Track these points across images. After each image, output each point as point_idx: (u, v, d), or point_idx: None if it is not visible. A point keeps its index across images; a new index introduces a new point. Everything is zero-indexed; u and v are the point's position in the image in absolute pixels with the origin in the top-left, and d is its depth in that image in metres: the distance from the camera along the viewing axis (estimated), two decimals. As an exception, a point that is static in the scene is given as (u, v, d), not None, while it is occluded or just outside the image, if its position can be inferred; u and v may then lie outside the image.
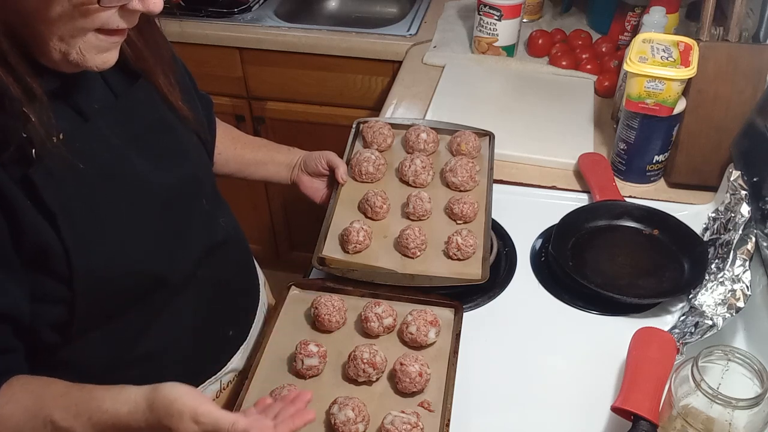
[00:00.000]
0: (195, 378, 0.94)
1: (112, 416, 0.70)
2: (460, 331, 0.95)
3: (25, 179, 0.69)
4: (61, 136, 0.71)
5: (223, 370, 0.98)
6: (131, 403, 0.70)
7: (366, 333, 0.96)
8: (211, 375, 0.96)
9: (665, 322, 1.02)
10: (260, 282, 1.12)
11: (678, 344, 0.92)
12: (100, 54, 0.71)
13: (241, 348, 1.01)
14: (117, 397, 0.71)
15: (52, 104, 0.72)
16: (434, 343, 0.94)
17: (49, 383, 0.75)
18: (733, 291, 0.97)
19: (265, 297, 1.12)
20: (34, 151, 0.68)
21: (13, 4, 0.64)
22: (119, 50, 0.82)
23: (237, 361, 1.00)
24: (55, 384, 0.74)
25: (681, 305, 1.05)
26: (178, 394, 0.69)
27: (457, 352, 0.92)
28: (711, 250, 1.08)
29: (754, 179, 1.07)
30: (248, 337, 1.03)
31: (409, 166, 1.17)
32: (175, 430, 0.68)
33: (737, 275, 0.98)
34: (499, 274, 1.11)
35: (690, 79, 1.15)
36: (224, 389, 1.00)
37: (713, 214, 1.15)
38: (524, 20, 1.72)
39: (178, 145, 0.90)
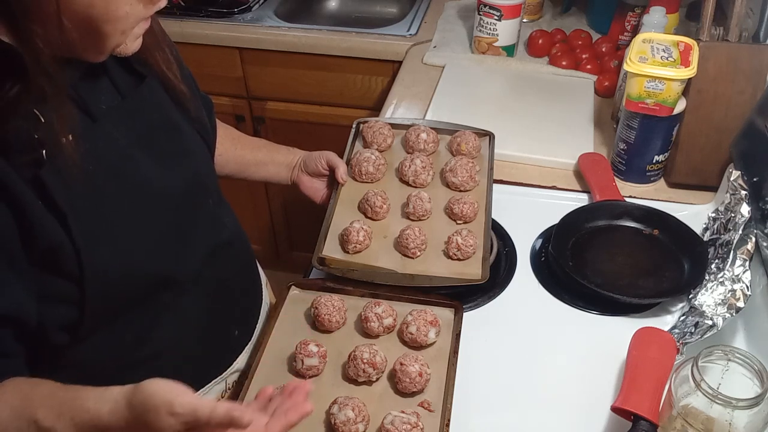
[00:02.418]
0: (201, 378, 0.94)
1: (93, 416, 0.68)
2: (460, 331, 0.95)
3: (35, 180, 0.69)
4: (70, 137, 0.72)
5: (228, 370, 0.98)
6: (112, 402, 0.67)
7: (366, 333, 0.96)
8: (216, 375, 0.97)
9: (665, 322, 1.02)
10: (262, 282, 1.12)
11: (678, 344, 0.92)
12: (136, 40, 0.76)
13: (245, 348, 1.01)
14: (100, 397, 0.69)
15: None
16: (434, 343, 0.94)
17: (39, 384, 0.73)
18: (733, 291, 0.97)
19: (267, 297, 1.13)
20: (44, 152, 0.69)
21: (82, 11, 0.66)
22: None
23: (242, 361, 1.00)
24: (44, 384, 0.73)
25: (681, 305, 1.05)
26: (154, 389, 0.65)
27: (457, 352, 0.92)
28: (711, 250, 1.08)
29: (754, 179, 1.07)
30: (253, 337, 1.03)
31: (409, 166, 1.17)
32: (153, 426, 0.64)
33: (737, 275, 0.98)
34: (499, 274, 1.11)
35: (690, 79, 1.15)
36: (229, 389, 1.00)
37: (713, 214, 1.16)
38: (524, 20, 1.72)
39: (184, 145, 0.90)
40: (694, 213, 1.20)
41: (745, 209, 1.06)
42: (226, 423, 0.63)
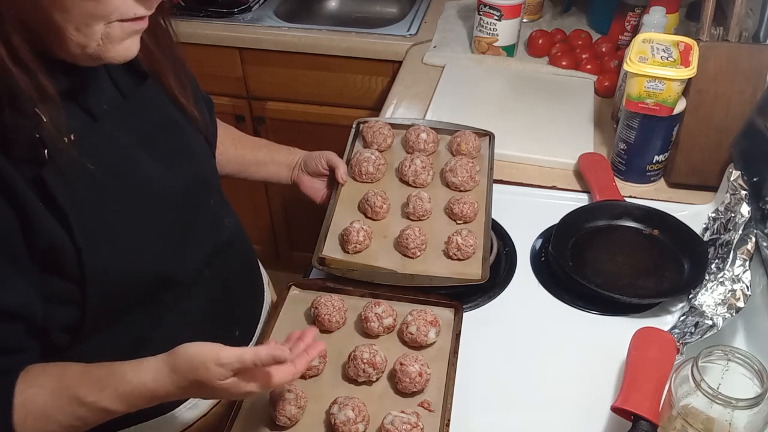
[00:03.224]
0: None
1: (137, 385, 0.71)
2: (460, 331, 0.95)
3: (37, 179, 0.69)
4: (72, 137, 0.72)
5: None
6: (153, 370, 0.72)
7: (366, 333, 0.96)
8: None
9: (665, 322, 1.02)
10: (264, 282, 1.12)
11: (678, 344, 0.92)
12: (120, 44, 0.71)
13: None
14: (138, 368, 0.72)
15: (64, 104, 0.72)
16: (434, 343, 0.94)
17: (67, 365, 0.75)
18: (733, 291, 0.97)
19: (269, 297, 1.12)
20: (46, 151, 0.69)
21: None
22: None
23: None
24: (72, 365, 0.75)
25: (681, 305, 1.05)
26: (194, 349, 0.71)
27: (457, 352, 0.92)
28: (711, 250, 1.08)
29: (754, 179, 1.07)
30: (254, 338, 1.03)
31: (409, 166, 1.17)
32: (204, 380, 0.70)
33: (737, 275, 0.98)
34: (499, 274, 1.11)
35: (690, 79, 1.15)
36: None
37: (713, 214, 1.15)
38: (524, 20, 1.72)
39: (186, 145, 0.90)
40: (694, 213, 1.20)
41: (745, 209, 1.06)
42: (269, 362, 0.70)
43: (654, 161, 1.26)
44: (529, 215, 1.21)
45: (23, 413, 0.71)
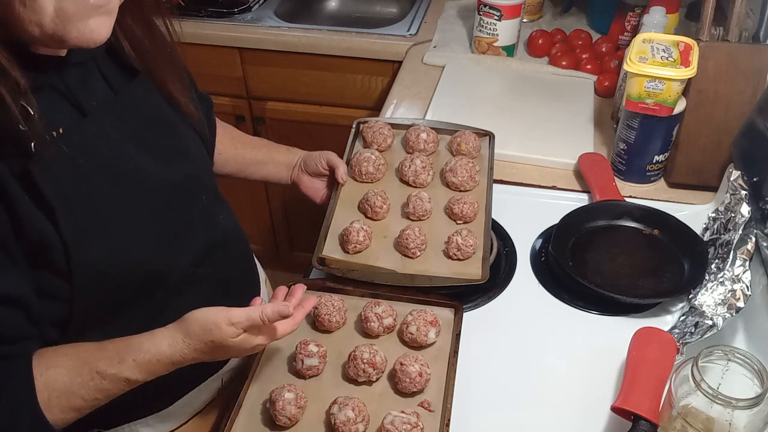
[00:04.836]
0: (197, 376, 0.95)
1: (155, 353, 0.75)
2: (460, 331, 0.95)
3: (24, 173, 0.69)
4: (60, 131, 0.71)
5: (224, 368, 0.98)
6: (168, 338, 0.76)
7: (366, 333, 0.96)
8: (213, 373, 0.97)
9: (665, 322, 1.02)
10: (261, 280, 1.12)
11: (678, 344, 0.92)
12: (81, 23, 0.66)
13: None
14: (152, 338, 0.76)
15: (52, 99, 0.72)
16: (434, 343, 0.94)
17: (79, 345, 0.77)
18: (733, 291, 0.97)
19: (266, 295, 1.12)
20: (33, 144, 0.68)
21: None
22: (120, 46, 0.81)
23: (237, 359, 1.00)
24: (84, 344, 0.77)
25: (681, 305, 1.05)
26: (203, 314, 0.76)
27: (457, 352, 0.92)
28: (711, 250, 1.08)
29: (754, 179, 1.07)
30: None
31: (409, 166, 1.17)
32: (218, 340, 0.75)
33: (737, 275, 0.98)
34: (499, 274, 1.11)
35: (690, 79, 1.15)
36: (225, 387, 1.00)
37: (713, 214, 1.15)
38: (524, 20, 1.72)
39: (178, 142, 0.90)
40: (694, 213, 1.20)
41: (745, 209, 1.06)
42: (275, 318, 0.77)
43: (654, 161, 1.26)
44: (529, 215, 1.21)
45: (46, 393, 0.72)
